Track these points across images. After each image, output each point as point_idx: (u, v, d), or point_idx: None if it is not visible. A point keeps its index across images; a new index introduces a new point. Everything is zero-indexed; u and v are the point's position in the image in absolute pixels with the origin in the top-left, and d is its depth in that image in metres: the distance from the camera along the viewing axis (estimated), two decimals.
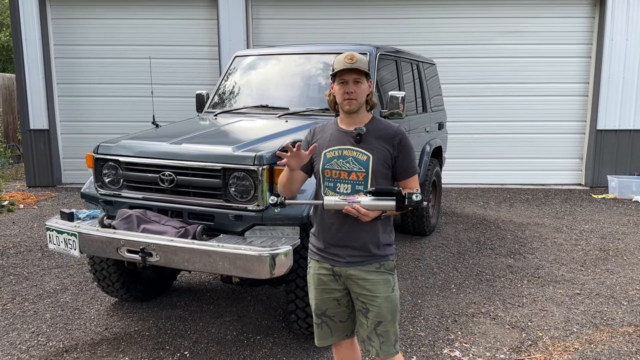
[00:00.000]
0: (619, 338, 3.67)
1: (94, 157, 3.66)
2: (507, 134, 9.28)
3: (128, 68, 9.16)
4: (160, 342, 3.61)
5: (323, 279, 2.36)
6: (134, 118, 8.97)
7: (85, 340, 3.65)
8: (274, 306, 4.21)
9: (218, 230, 3.31)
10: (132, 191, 3.54)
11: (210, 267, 3.03)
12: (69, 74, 9.26)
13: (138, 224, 3.28)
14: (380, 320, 2.29)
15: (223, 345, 3.58)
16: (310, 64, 4.77)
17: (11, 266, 5.15)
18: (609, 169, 9.04)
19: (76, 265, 5.15)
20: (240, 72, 5.02)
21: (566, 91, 9.16)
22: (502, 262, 5.26)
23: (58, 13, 9.14)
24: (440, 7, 9.00)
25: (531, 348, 3.53)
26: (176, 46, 9.12)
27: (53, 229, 3.44)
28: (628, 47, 8.76)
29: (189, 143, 3.50)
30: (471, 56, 9.08)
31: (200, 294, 4.48)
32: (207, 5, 9.00)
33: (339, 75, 2.25)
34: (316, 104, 4.36)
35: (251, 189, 3.20)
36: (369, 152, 2.25)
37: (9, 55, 18.47)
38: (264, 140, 3.54)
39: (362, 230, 2.26)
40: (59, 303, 4.28)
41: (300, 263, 3.24)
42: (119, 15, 9.11)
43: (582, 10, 8.98)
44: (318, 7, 9.04)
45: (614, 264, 5.22)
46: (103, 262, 3.92)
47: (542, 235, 6.24)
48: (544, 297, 4.38)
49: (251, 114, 4.48)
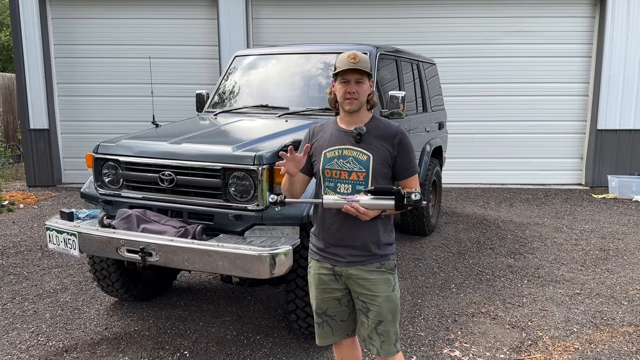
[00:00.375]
0: (619, 338, 3.67)
1: (93, 156, 3.66)
2: (507, 134, 9.28)
3: (128, 68, 9.16)
4: (160, 342, 3.61)
5: (324, 278, 2.36)
6: (133, 118, 8.97)
7: (85, 340, 3.65)
8: (274, 306, 4.21)
9: (218, 230, 3.31)
10: (132, 191, 3.54)
11: (210, 267, 3.03)
12: (69, 73, 9.26)
13: (138, 224, 3.28)
14: (380, 320, 2.29)
15: (223, 345, 3.57)
16: (310, 63, 4.76)
17: (11, 266, 5.15)
18: (609, 169, 9.03)
19: (76, 265, 5.15)
20: (240, 71, 5.02)
21: (566, 91, 9.15)
22: (502, 262, 5.26)
23: (58, 13, 9.13)
24: (440, 6, 9.00)
25: (531, 348, 3.53)
26: (176, 46, 9.12)
27: (53, 228, 3.44)
28: (628, 47, 8.76)
29: (189, 143, 3.50)
30: (470, 56, 9.07)
31: (200, 293, 4.48)
32: (207, 4, 9.00)
33: (341, 74, 2.25)
34: (316, 104, 4.36)
35: (251, 189, 3.20)
36: (369, 152, 2.25)
37: (9, 54, 18.47)
38: (264, 140, 3.54)
39: (362, 229, 2.25)
40: (58, 303, 4.28)
41: (300, 263, 3.24)
42: (119, 14, 9.11)
43: (582, 10, 8.97)
44: (318, 6, 9.04)
45: (614, 263, 5.22)
46: (103, 262, 3.92)
47: (542, 235, 6.24)
48: (544, 297, 4.38)
49: (251, 113, 4.48)
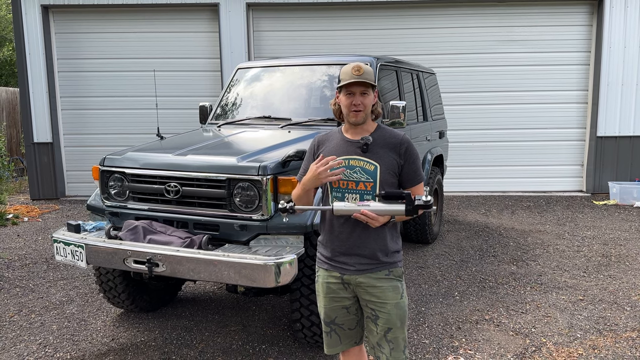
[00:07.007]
0: (623, 343, 3.69)
1: (100, 169, 3.71)
2: (507, 142, 9.33)
3: (131, 81, 9.24)
4: (167, 352, 3.64)
5: (332, 287, 2.38)
6: (136, 130, 9.05)
7: (92, 351, 3.67)
8: (279, 315, 4.24)
9: (223, 240, 3.34)
10: (138, 202, 3.59)
11: (216, 277, 3.06)
12: (73, 87, 9.34)
13: (144, 235, 3.32)
14: (389, 327, 2.31)
15: (229, 354, 3.60)
16: (311, 75, 4.82)
17: (17, 278, 5.18)
18: (610, 176, 9.06)
19: (81, 277, 5.18)
20: (242, 83, 5.08)
21: (566, 98, 9.22)
22: (504, 269, 5.28)
23: (61, 27, 9.24)
24: (439, 17, 9.09)
25: (535, 354, 3.54)
26: (178, 59, 9.21)
27: (60, 240, 3.47)
28: (626, 54, 8.83)
29: (194, 154, 3.55)
30: (471, 65, 9.15)
31: (205, 304, 4.50)
32: (209, 18, 9.10)
33: (345, 87, 2.27)
34: (318, 114, 4.42)
35: (255, 199, 3.24)
36: (376, 162, 2.27)
37: (12, 69, 18.62)
38: (268, 150, 3.58)
39: (370, 238, 2.28)
40: (65, 315, 4.31)
41: (305, 272, 3.28)
42: (122, 28, 9.21)
43: (580, 18, 9.06)
44: (318, 18, 9.14)
45: (617, 269, 5.24)
46: (109, 273, 3.95)
47: (544, 242, 6.26)
48: (547, 304, 4.40)
49: (254, 124, 4.53)
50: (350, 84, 2.26)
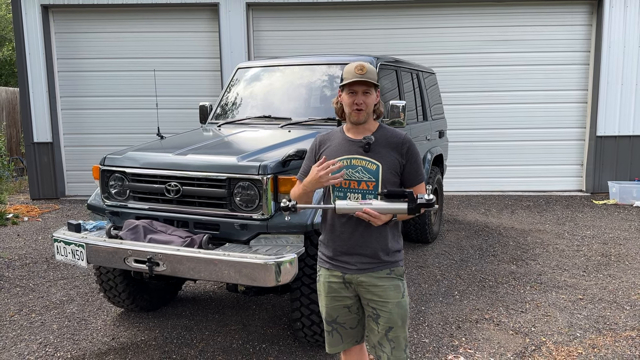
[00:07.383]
0: (622, 342, 3.69)
1: (100, 168, 3.71)
2: (507, 142, 9.34)
3: (131, 80, 9.25)
4: (167, 352, 3.64)
5: (334, 286, 2.38)
6: (136, 130, 9.05)
7: (92, 351, 3.68)
8: (279, 314, 4.24)
9: (224, 239, 3.35)
10: (139, 202, 3.59)
11: (217, 276, 3.07)
12: (72, 87, 9.35)
13: (145, 234, 3.32)
14: (391, 326, 2.32)
15: (229, 353, 3.60)
16: (311, 74, 4.83)
17: (17, 278, 5.19)
18: (610, 175, 9.07)
19: (81, 276, 5.19)
20: (243, 83, 5.08)
21: (565, 98, 9.22)
22: (504, 269, 5.29)
23: (61, 27, 9.24)
24: (439, 17, 9.10)
25: (535, 353, 3.55)
26: (178, 58, 9.22)
27: (61, 240, 3.48)
28: (626, 54, 8.84)
29: (194, 154, 3.55)
30: (471, 65, 9.16)
31: (206, 303, 4.51)
32: (209, 17, 9.10)
33: (348, 85, 2.28)
34: (318, 114, 4.42)
35: (256, 198, 3.24)
36: (378, 162, 2.27)
37: (12, 69, 18.63)
38: (268, 150, 3.59)
39: (372, 237, 2.28)
40: (65, 314, 4.31)
41: (305, 271, 3.29)
42: (122, 28, 9.22)
43: (580, 18, 9.07)
44: (318, 18, 9.15)
45: (616, 269, 5.25)
46: (109, 273, 3.96)
47: (544, 241, 6.27)
48: (546, 303, 4.40)
49: (254, 124, 4.53)
50: (353, 83, 2.26)
